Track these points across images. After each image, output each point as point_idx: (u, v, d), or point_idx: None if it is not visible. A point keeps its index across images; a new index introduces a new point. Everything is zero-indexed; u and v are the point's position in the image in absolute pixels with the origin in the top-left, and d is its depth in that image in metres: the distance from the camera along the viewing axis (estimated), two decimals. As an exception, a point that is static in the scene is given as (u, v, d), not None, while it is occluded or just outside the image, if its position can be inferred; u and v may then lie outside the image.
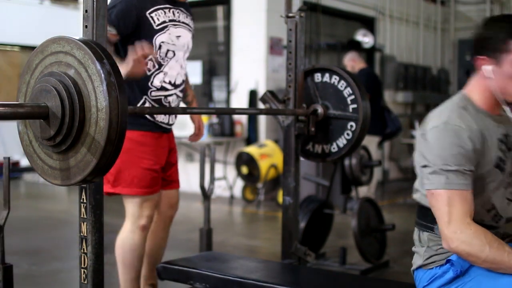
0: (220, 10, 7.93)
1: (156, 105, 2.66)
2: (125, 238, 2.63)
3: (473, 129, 1.78)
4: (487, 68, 1.82)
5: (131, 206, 2.65)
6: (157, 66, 2.64)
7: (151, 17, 2.60)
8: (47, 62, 1.71)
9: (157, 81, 2.65)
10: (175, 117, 2.82)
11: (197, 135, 2.99)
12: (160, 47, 2.63)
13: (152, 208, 2.69)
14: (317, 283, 2.33)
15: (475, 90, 1.88)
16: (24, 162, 8.49)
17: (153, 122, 2.69)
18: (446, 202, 1.74)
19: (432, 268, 1.88)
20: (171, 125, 2.79)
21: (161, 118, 2.71)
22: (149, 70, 2.62)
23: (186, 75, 2.93)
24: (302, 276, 2.41)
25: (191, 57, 2.95)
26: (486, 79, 1.83)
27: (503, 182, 1.87)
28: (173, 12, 2.68)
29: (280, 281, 2.24)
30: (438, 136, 1.78)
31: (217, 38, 8.21)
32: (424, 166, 1.81)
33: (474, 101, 1.87)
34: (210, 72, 8.08)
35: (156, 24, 2.61)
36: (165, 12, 2.64)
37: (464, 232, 1.71)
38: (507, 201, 1.89)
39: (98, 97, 1.58)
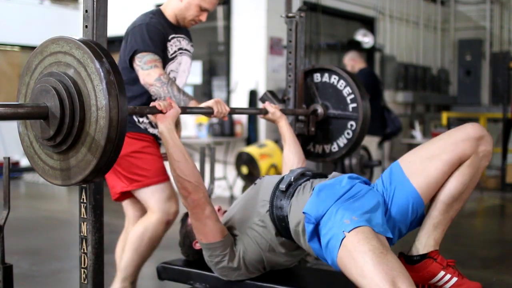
0: (220, 10, 7.92)
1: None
2: (149, 227, 2.66)
3: None
4: None
5: (159, 199, 2.67)
6: None
7: (169, 46, 2.69)
8: (46, 62, 1.71)
9: None
10: None
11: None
12: (168, 75, 2.69)
13: (177, 205, 2.72)
14: (317, 283, 2.33)
15: None
16: (24, 162, 8.49)
17: (154, 134, 2.76)
18: None
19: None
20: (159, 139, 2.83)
21: (156, 131, 2.75)
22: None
23: None
24: (302, 276, 2.40)
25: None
26: None
27: None
28: (180, 40, 2.75)
29: (280, 281, 2.23)
30: None
31: (217, 38, 8.20)
32: None
33: None
34: (210, 72, 8.08)
35: (170, 53, 2.70)
36: (176, 41, 2.72)
37: None
38: None
39: (98, 96, 1.58)
